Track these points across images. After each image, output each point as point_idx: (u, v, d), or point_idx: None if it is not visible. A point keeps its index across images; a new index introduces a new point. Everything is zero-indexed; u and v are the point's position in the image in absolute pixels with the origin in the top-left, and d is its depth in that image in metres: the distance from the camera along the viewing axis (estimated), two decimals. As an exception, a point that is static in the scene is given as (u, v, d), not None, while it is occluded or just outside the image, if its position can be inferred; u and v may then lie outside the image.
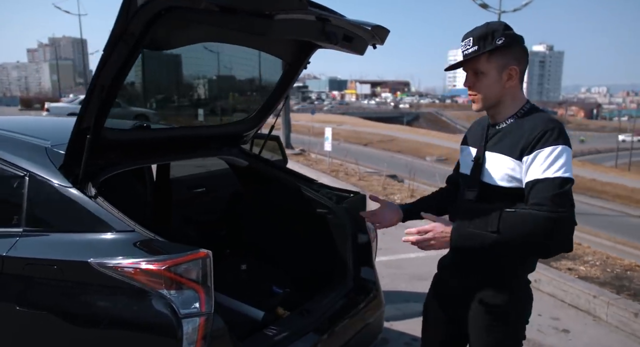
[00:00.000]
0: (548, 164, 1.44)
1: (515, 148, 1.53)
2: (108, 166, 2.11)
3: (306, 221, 2.71)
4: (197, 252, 1.61)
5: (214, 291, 1.65)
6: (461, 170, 1.79)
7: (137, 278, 1.58)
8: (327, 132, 10.46)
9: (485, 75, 1.58)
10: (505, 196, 1.56)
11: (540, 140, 1.47)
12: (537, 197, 1.43)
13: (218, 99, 2.95)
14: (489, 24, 1.58)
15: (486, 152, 1.64)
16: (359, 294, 2.46)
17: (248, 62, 2.65)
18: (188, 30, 1.95)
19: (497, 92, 1.59)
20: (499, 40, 1.53)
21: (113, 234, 1.72)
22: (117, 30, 1.59)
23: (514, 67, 1.57)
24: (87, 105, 1.77)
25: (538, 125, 1.51)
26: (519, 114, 1.61)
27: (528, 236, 1.43)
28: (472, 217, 1.51)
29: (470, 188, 1.65)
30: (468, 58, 1.57)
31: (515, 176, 1.54)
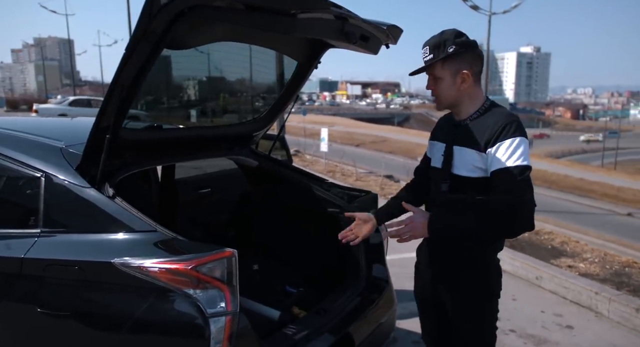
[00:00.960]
0: (509, 154, 1.60)
1: (480, 141, 1.69)
2: (124, 166, 2.10)
3: (317, 221, 2.71)
4: (223, 251, 1.61)
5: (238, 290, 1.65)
6: (432, 164, 1.92)
7: (162, 278, 1.57)
8: (323, 133, 10.45)
9: (442, 79, 1.75)
10: (474, 185, 1.72)
11: (502, 133, 1.63)
12: (503, 185, 1.60)
13: (228, 99, 2.94)
14: (443, 33, 1.73)
15: (454, 146, 1.78)
16: (372, 292, 2.47)
17: (259, 61, 2.65)
18: (207, 29, 1.94)
19: (453, 94, 1.76)
20: (450, 49, 1.69)
21: (134, 234, 1.71)
22: (140, 29, 1.59)
23: (466, 72, 1.72)
24: (107, 104, 1.76)
25: (498, 120, 1.67)
26: (480, 111, 1.76)
27: (500, 220, 1.61)
28: (448, 207, 1.71)
29: (443, 180, 1.79)
30: (426, 65, 1.75)
31: (481, 166, 1.69)
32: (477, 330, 1.86)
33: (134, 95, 1.80)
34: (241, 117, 2.87)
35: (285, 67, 2.67)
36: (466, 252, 1.80)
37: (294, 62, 2.60)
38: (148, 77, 1.78)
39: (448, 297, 1.88)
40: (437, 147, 1.90)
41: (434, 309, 1.97)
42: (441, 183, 1.81)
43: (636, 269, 4.45)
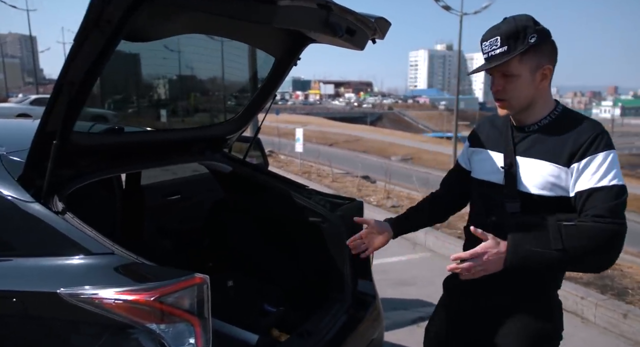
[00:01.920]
0: (603, 172, 1.33)
1: (560, 153, 1.38)
2: (77, 176, 1.83)
3: (298, 231, 2.49)
4: (192, 277, 1.37)
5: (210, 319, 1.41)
6: (480, 176, 1.60)
7: (119, 311, 1.32)
8: (298, 133, 10.21)
9: (518, 77, 1.41)
10: (545, 205, 1.41)
11: (592, 145, 1.35)
12: (596, 208, 1.32)
13: (199, 99, 2.68)
14: (516, 20, 1.40)
15: (518, 157, 1.47)
16: (358, 309, 2.27)
17: (234, 58, 2.41)
18: (173, 19, 1.70)
19: (530, 94, 1.44)
20: (531, 39, 1.36)
21: (87, 258, 1.45)
22: (91, 17, 1.34)
23: (548, 67, 1.43)
24: (54, 104, 1.50)
25: (585, 129, 1.39)
26: (552, 115, 1.46)
27: (593, 250, 1.32)
28: (529, 234, 1.36)
29: (510, 199, 1.46)
30: (498, 61, 1.39)
31: (559, 183, 1.40)
32: None
33: (86, 94, 1.54)
34: (213, 118, 2.62)
35: (262, 64, 2.43)
36: (534, 282, 1.50)
37: (271, 58, 2.38)
38: (109, 73, 1.53)
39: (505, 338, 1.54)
40: (484, 156, 1.60)
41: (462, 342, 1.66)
42: (506, 202, 1.47)
43: (618, 271, 4.40)
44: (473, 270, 1.37)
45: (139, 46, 1.97)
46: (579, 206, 1.36)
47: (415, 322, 3.64)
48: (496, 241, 1.37)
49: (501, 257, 1.36)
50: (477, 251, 1.36)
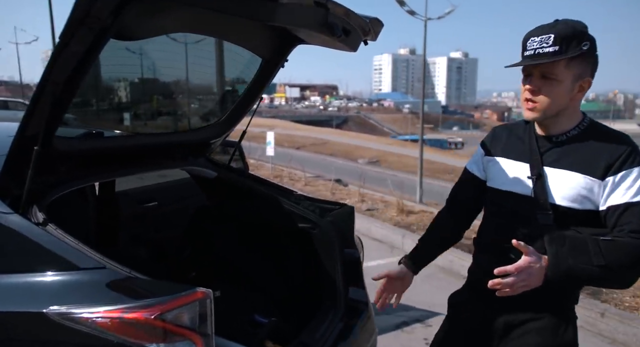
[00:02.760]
0: (638, 187, 1.31)
1: (595, 165, 1.35)
2: (57, 184, 1.71)
3: (287, 238, 2.42)
4: (194, 292, 1.28)
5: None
6: (503, 187, 1.52)
7: (115, 331, 1.22)
8: (269, 137, 10.09)
9: (559, 82, 1.35)
10: (572, 219, 1.37)
11: (628, 159, 1.32)
12: (632, 224, 1.29)
13: (182, 102, 2.57)
14: (574, 23, 1.34)
15: (545, 167, 1.42)
16: (352, 318, 2.20)
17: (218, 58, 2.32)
18: (164, 17, 1.60)
19: (564, 103, 1.38)
20: (584, 46, 1.32)
21: (75, 274, 1.34)
22: (78, 13, 1.24)
23: (589, 79, 1.39)
24: (36, 106, 1.38)
25: (620, 142, 1.36)
26: (581, 127, 1.42)
27: (629, 266, 1.29)
28: (569, 248, 1.30)
29: (542, 212, 1.40)
30: (545, 60, 1.32)
31: (589, 196, 1.36)
32: None
33: (71, 95, 1.43)
34: (197, 122, 2.51)
35: (248, 66, 2.35)
36: (555, 297, 1.45)
37: (258, 60, 2.30)
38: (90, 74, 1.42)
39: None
40: (506, 166, 1.52)
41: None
42: (538, 214, 1.40)
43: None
44: (515, 286, 1.30)
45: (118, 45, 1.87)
46: (612, 220, 1.33)
47: (399, 327, 3.62)
48: (538, 255, 1.31)
49: (542, 271, 1.30)
50: (521, 265, 1.29)
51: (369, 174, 8.40)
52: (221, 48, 2.20)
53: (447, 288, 4.82)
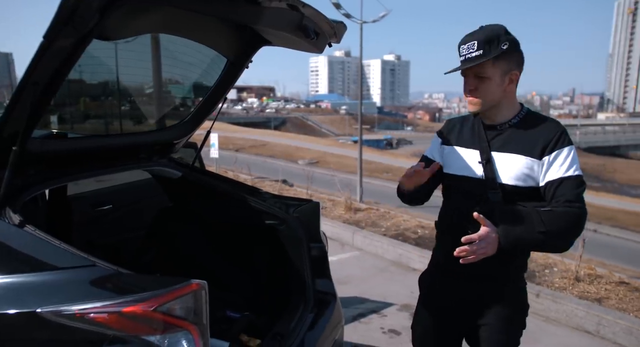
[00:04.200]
0: (569, 164, 1.53)
1: (533, 148, 1.56)
2: (27, 186, 1.67)
3: (255, 235, 2.47)
4: (189, 284, 1.32)
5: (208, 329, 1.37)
6: (458, 172, 1.72)
7: (113, 325, 1.24)
8: (213, 139, 9.94)
9: (490, 79, 1.57)
10: (522, 195, 1.57)
11: (559, 140, 1.55)
12: (565, 195, 1.50)
13: (144, 102, 2.54)
14: (492, 28, 1.56)
15: (493, 152, 1.63)
16: (321, 309, 2.30)
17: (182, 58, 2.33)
18: (144, 18, 1.62)
19: (498, 95, 1.60)
20: (504, 45, 1.53)
21: (64, 272, 1.34)
22: (64, 12, 1.24)
23: (516, 72, 1.60)
24: (15, 107, 1.36)
25: (552, 127, 1.59)
26: (520, 115, 1.64)
27: (566, 232, 1.50)
28: (514, 219, 1.52)
29: (492, 190, 1.60)
30: (474, 63, 1.53)
31: (531, 175, 1.57)
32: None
33: (51, 96, 1.42)
34: (162, 122, 2.50)
35: (212, 67, 2.38)
36: (509, 269, 1.67)
37: (222, 61, 2.34)
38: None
39: (485, 318, 1.69)
40: (461, 154, 1.71)
41: (449, 339, 1.82)
42: (489, 193, 1.60)
43: (524, 256, 4.93)
44: (477, 252, 1.49)
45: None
46: (550, 193, 1.54)
47: (356, 319, 3.76)
48: (493, 227, 1.51)
49: (496, 240, 1.50)
50: (482, 234, 1.49)
51: (312, 174, 8.51)
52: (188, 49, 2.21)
53: (398, 280, 5.04)
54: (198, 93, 2.52)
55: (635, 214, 23.09)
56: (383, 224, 6.04)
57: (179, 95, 2.64)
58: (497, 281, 1.67)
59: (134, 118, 2.53)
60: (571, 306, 3.64)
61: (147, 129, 2.44)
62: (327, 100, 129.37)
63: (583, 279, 4.13)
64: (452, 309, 1.76)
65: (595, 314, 3.49)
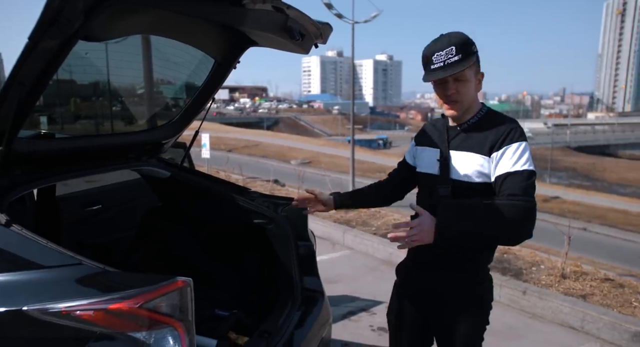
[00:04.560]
0: (516, 159, 1.58)
1: (484, 146, 1.64)
2: (13, 187, 1.68)
3: (243, 234, 2.50)
4: (175, 281, 1.34)
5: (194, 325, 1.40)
6: (423, 170, 1.85)
7: (99, 322, 1.26)
8: (204, 139, 9.94)
9: (468, 82, 1.65)
10: (474, 190, 1.65)
11: (508, 137, 1.61)
12: (510, 188, 1.54)
13: (134, 102, 2.56)
14: (460, 34, 1.64)
15: (451, 151, 1.72)
16: (309, 306, 2.33)
17: (170, 59, 2.35)
18: (131, 19, 1.64)
19: (474, 96, 1.70)
20: (474, 48, 1.63)
21: (50, 271, 1.35)
22: (48, 14, 1.26)
23: (482, 73, 1.71)
24: (0, 107, 1.37)
25: (503, 124, 1.65)
26: (479, 115, 1.72)
27: (507, 224, 1.50)
28: (455, 211, 1.55)
29: (442, 185, 1.71)
30: (457, 70, 1.59)
31: (483, 171, 1.64)
32: (469, 340, 1.79)
33: (37, 96, 1.44)
34: (150, 122, 2.52)
35: (200, 68, 2.40)
36: (471, 260, 1.74)
37: (210, 62, 2.36)
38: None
39: (449, 308, 1.77)
40: (426, 153, 1.83)
41: (424, 324, 1.89)
42: (438, 187, 1.71)
43: (512, 254, 4.99)
44: (409, 239, 1.51)
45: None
46: (497, 188, 1.60)
47: (346, 317, 3.80)
48: (431, 218, 1.53)
49: (432, 229, 1.51)
50: (414, 221, 1.53)
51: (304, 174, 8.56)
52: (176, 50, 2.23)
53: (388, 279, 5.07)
54: (186, 93, 2.54)
55: (624, 212, 23.37)
56: (374, 223, 6.09)
57: (167, 95, 2.66)
58: (463, 272, 1.75)
59: (123, 118, 2.54)
60: (557, 303, 3.70)
61: (136, 129, 2.46)
62: (319, 100, 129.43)
63: (569, 276, 4.19)
64: (421, 299, 1.86)
65: (580, 310, 3.55)
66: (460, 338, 1.79)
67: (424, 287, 1.83)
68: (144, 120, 2.57)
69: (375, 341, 3.42)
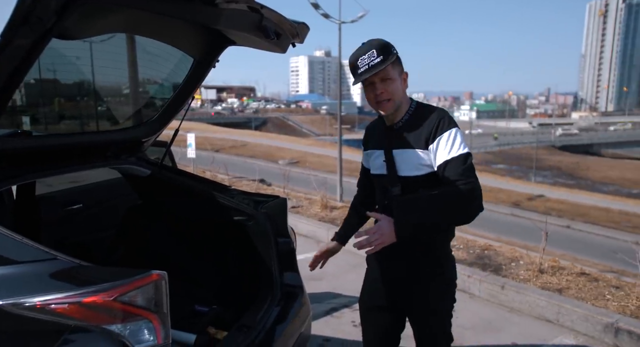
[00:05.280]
0: (451, 145, 1.69)
1: (420, 140, 1.75)
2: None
3: (223, 231, 2.52)
4: (149, 275, 1.38)
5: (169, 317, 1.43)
6: (374, 171, 1.94)
7: (74, 315, 1.28)
8: (189, 139, 9.91)
9: (393, 81, 1.77)
10: (423, 183, 1.76)
11: (438, 128, 1.73)
12: (451, 174, 1.67)
13: (113, 100, 2.57)
14: (379, 40, 1.76)
15: (393, 150, 1.82)
16: (288, 302, 2.37)
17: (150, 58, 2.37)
18: (106, 17, 1.66)
19: (401, 94, 1.81)
20: (394, 50, 1.76)
21: (24, 266, 1.38)
22: (20, 13, 1.28)
23: (406, 72, 1.84)
24: None
25: (432, 117, 1.77)
26: (410, 111, 1.84)
27: (455, 208, 1.65)
28: (407, 208, 1.66)
29: (392, 184, 1.81)
30: (379, 68, 1.70)
31: (426, 163, 1.76)
32: (439, 319, 1.91)
33: (9, 95, 1.46)
34: (129, 120, 2.53)
35: (180, 66, 2.42)
36: (431, 244, 1.84)
37: (189, 60, 2.38)
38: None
39: (417, 291, 1.88)
40: (374, 155, 1.92)
41: (394, 311, 1.99)
42: (391, 187, 1.81)
43: (492, 251, 5.08)
44: (372, 244, 1.62)
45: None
46: (441, 175, 1.70)
47: (329, 313, 3.84)
48: (388, 219, 1.65)
49: (392, 229, 1.63)
50: (372, 228, 1.64)
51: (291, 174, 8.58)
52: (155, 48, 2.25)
53: (371, 275, 5.01)
54: (166, 92, 2.56)
55: (606, 210, 23.78)
56: (357, 222, 6.13)
57: (146, 94, 2.67)
58: (425, 257, 1.85)
59: (102, 117, 2.55)
60: (534, 297, 3.79)
61: (115, 128, 2.47)
62: (307, 100, 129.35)
63: (546, 271, 4.29)
64: (388, 285, 1.96)
65: (556, 303, 3.64)
66: (431, 314, 1.90)
67: (391, 274, 1.95)
68: (123, 119, 2.58)
69: (356, 336, 3.46)
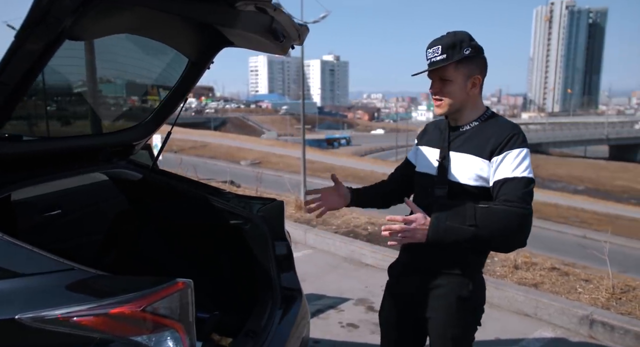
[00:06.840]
0: (516, 165, 1.58)
1: (484, 149, 1.64)
2: None
3: (219, 235, 2.48)
4: (175, 283, 1.34)
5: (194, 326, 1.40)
6: (421, 169, 1.86)
7: (99, 327, 1.23)
8: (155, 140, 9.62)
9: (452, 82, 1.66)
10: (471, 194, 1.66)
11: (509, 142, 1.61)
12: (507, 194, 1.55)
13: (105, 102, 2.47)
14: (456, 34, 1.66)
15: (451, 152, 1.73)
16: (289, 304, 2.36)
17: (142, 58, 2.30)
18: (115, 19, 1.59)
19: (462, 98, 1.69)
20: (466, 51, 1.63)
21: (42, 277, 1.31)
22: (36, 12, 1.23)
23: (478, 76, 1.69)
24: None
25: (505, 129, 1.65)
26: (482, 118, 1.73)
27: (500, 229, 1.53)
28: (449, 212, 1.57)
29: (439, 186, 1.72)
30: (439, 65, 1.63)
31: (482, 175, 1.65)
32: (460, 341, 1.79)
33: (21, 96, 1.38)
34: (122, 123, 2.45)
35: (173, 67, 2.36)
36: (461, 264, 1.73)
37: (184, 61, 2.33)
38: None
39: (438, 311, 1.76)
40: (426, 153, 1.83)
41: (415, 326, 1.88)
42: (435, 188, 1.71)
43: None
44: (402, 234, 1.55)
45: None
46: (495, 193, 1.60)
47: (315, 315, 3.84)
48: (424, 216, 1.58)
49: (425, 229, 1.56)
50: (408, 218, 1.56)
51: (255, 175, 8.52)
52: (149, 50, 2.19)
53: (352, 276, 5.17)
54: (159, 94, 2.49)
55: (555, 205, 24.96)
56: (334, 222, 6.17)
57: (139, 96, 2.59)
58: (455, 276, 1.74)
59: (94, 120, 2.45)
60: (512, 292, 3.93)
61: (107, 131, 2.38)
62: (267, 100, 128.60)
63: (521, 267, 4.46)
64: (411, 300, 1.85)
65: (533, 298, 3.79)
66: (450, 339, 1.78)
67: (416, 289, 1.82)
68: (116, 121, 2.49)
69: (345, 337, 3.49)
